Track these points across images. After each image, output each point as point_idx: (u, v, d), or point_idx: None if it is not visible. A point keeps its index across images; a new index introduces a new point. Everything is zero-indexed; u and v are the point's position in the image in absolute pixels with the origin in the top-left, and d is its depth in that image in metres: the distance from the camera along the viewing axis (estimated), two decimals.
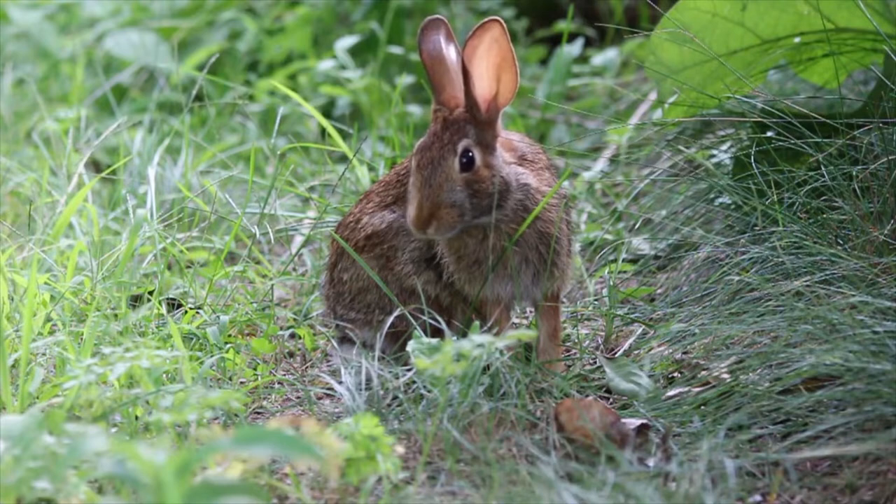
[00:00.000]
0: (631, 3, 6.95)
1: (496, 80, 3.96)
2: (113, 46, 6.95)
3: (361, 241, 4.18)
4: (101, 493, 3.39)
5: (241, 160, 5.64)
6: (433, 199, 3.91)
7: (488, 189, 3.94)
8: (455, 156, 3.93)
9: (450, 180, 3.92)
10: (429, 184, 3.91)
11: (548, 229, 4.03)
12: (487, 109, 3.97)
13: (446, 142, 3.94)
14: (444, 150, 3.94)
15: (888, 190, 4.25)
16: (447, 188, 3.92)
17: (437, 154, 3.93)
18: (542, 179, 4.06)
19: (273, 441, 2.91)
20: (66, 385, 3.61)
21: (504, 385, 3.80)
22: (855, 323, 3.71)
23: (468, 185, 3.93)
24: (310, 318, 4.62)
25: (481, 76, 3.95)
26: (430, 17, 4.07)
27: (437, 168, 3.92)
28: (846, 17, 4.63)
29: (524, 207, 4.00)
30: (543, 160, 4.14)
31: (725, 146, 4.81)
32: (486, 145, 3.97)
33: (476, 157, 3.94)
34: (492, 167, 3.96)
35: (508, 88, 3.97)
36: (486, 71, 3.95)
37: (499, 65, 3.95)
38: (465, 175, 3.93)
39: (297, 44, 6.77)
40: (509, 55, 3.94)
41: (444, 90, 3.99)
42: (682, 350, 4.13)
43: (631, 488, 3.38)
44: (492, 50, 3.93)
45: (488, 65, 3.94)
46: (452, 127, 3.96)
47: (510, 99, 3.98)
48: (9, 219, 5.18)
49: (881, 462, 3.49)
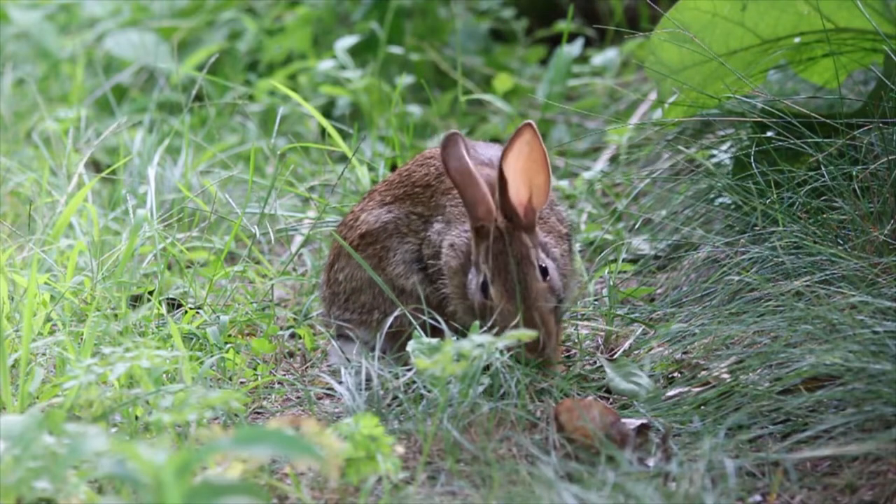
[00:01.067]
0: (631, 3, 6.94)
1: (528, 185, 3.93)
2: (113, 46, 6.95)
3: (356, 240, 4.17)
4: (101, 493, 3.39)
5: (241, 160, 5.64)
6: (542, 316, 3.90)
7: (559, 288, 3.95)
8: (534, 268, 3.91)
9: (539, 291, 3.91)
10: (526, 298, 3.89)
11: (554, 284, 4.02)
12: (526, 214, 3.94)
13: (519, 257, 3.90)
14: (523, 265, 3.90)
15: (888, 190, 4.25)
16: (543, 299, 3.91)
17: (519, 272, 3.90)
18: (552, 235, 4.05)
19: (273, 441, 2.91)
20: (66, 385, 3.61)
21: (504, 385, 3.80)
22: (855, 323, 3.71)
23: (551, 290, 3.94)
24: (310, 318, 4.62)
25: (514, 183, 3.91)
26: (447, 134, 3.98)
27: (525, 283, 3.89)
28: (846, 17, 4.63)
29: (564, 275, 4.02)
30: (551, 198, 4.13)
31: (725, 146, 4.81)
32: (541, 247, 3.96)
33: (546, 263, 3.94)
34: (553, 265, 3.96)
35: (542, 191, 3.94)
36: (518, 176, 3.92)
37: (530, 168, 3.91)
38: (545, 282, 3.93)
39: (297, 44, 6.76)
40: (542, 158, 3.91)
41: (479, 206, 3.93)
42: (682, 350, 4.13)
43: (631, 488, 3.38)
44: (523, 153, 3.89)
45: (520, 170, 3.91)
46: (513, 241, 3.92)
47: (545, 201, 3.96)
48: (9, 219, 5.18)
49: (881, 462, 3.49)
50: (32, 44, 7.27)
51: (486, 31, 6.90)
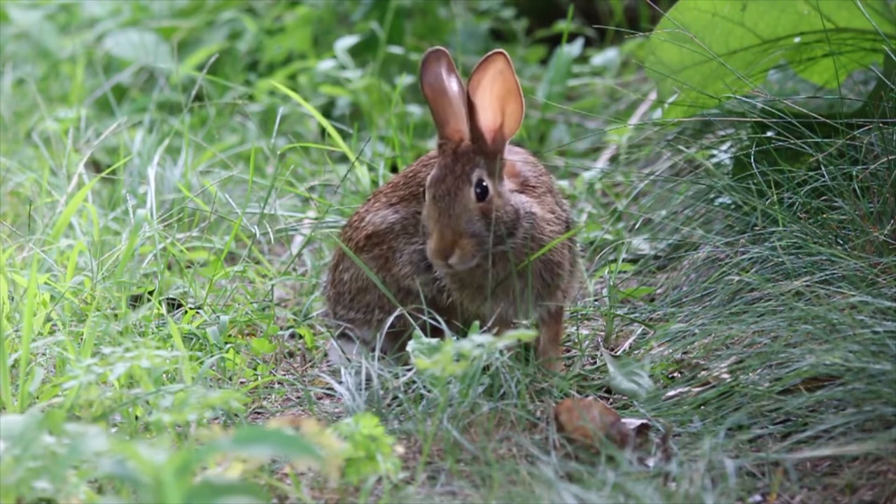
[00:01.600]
0: (631, 3, 6.94)
1: (501, 112, 3.96)
2: (113, 46, 6.95)
3: (362, 241, 4.18)
4: (101, 493, 3.39)
5: (241, 160, 5.64)
6: (454, 229, 3.92)
7: (503, 218, 3.96)
8: (470, 186, 3.94)
9: (467, 210, 3.93)
10: (448, 214, 3.92)
11: (551, 256, 4.03)
12: (493, 140, 3.97)
13: (459, 173, 3.94)
14: (458, 181, 3.94)
15: (888, 190, 4.25)
16: (466, 218, 3.93)
17: (453, 185, 3.94)
18: (544, 206, 4.07)
19: (273, 441, 2.91)
20: (66, 385, 3.61)
21: (504, 385, 3.80)
22: (855, 323, 3.71)
23: (484, 214, 3.94)
24: (310, 318, 4.62)
25: (485, 108, 3.94)
26: (431, 49, 4.05)
27: (455, 199, 3.93)
28: (846, 17, 4.63)
29: (531, 237, 4.01)
30: (545, 183, 4.14)
31: (725, 146, 4.81)
32: (495, 175, 3.98)
33: (489, 187, 3.95)
34: (501, 196, 3.97)
35: (514, 119, 3.97)
36: (490, 102, 3.95)
37: (503, 96, 3.95)
38: (480, 205, 3.94)
39: (297, 44, 6.76)
40: (514, 87, 3.94)
41: (448, 123, 3.99)
42: (682, 350, 4.13)
43: (631, 488, 3.38)
44: (496, 82, 3.93)
45: (492, 97, 3.94)
46: (463, 158, 3.96)
47: (516, 129, 3.99)
48: (9, 219, 5.18)
49: (881, 462, 3.49)
50: (32, 44, 7.27)
51: (486, 31, 6.90)
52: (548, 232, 4.04)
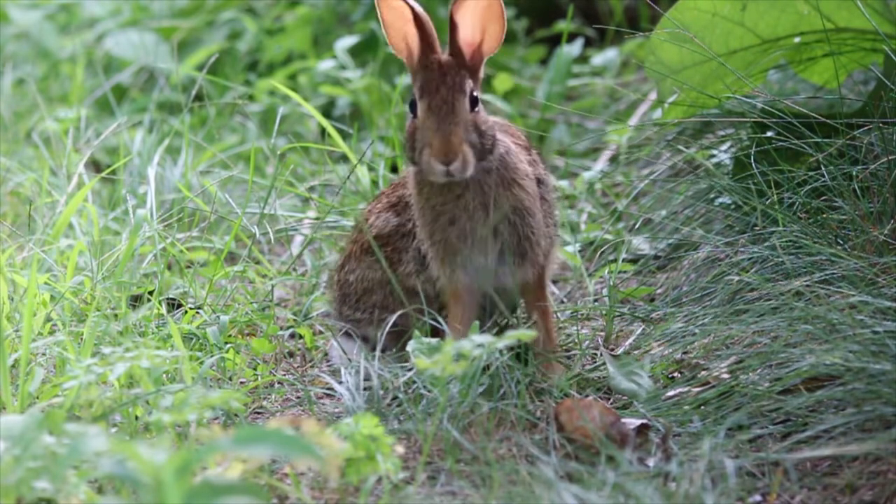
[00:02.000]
0: (631, 3, 6.94)
1: (482, 30, 3.98)
2: (113, 46, 6.95)
3: (367, 243, 4.19)
4: (101, 493, 3.39)
5: (241, 160, 5.64)
6: (457, 136, 3.91)
7: (486, 132, 3.96)
8: (465, 96, 3.95)
9: (465, 120, 3.93)
10: (448, 122, 3.91)
11: (523, 202, 4.02)
12: (472, 57, 4.00)
13: (451, 84, 3.95)
14: (453, 91, 3.94)
15: (888, 190, 4.25)
16: (464, 126, 3.93)
17: (448, 95, 3.94)
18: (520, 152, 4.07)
19: (273, 441, 2.91)
20: (66, 385, 3.61)
21: (504, 385, 3.80)
22: (855, 323, 3.71)
23: (476, 125, 3.95)
24: (310, 318, 4.62)
25: (466, 25, 3.97)
26: None
27: (453, 108, 3.92)
28: (846, 17, 4.63)
29: (505, 166, 4.00)
30: (524, 141, 4.16)
31: (725, 146, 4.81)
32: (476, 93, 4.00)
33: (478, 97, 3.98)
34: (483, 114, 3.99)
35: (494, 38, 4.01)
36: (471, 19, 3.97)
37: (484, 14, 3.98)
38: (473, 115, 3.95)
39: (297, 44, 6.76)
40: (497, 6, 3.97)
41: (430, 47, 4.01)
42: (682, 350, 4.13)
43: (631, 488, 3.38)
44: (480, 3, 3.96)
45: (474, 13, 3.97)
46: (451, 71, 3.97)
47: (495, 48, 4.02)
48: (9, 219, 5.18)
49: (881, 462, 3.49)
50: (32, 44, 7.27)
51: None
52: (520, 170, 4.03)
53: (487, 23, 3.98)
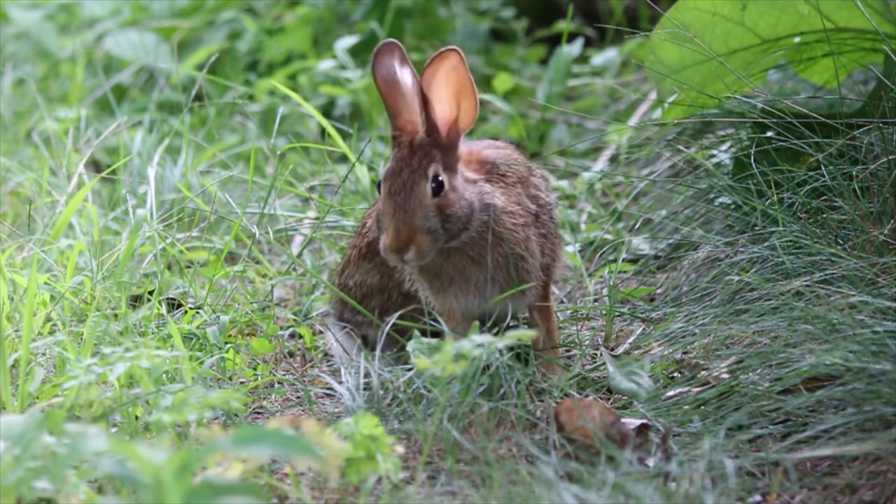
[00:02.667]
0: (631, 3, 6.94)
1: (456, 106, 3.94)
2: (113, 46, 6.95)
3: (364, 248, 4.20)
4: (101, 493, 3.39)
5: (241, 160, 5.64)
6: (410, 225, 3.88)
7: (457, 213, 3.92)
8: (426, 181, 3.91)
9: (423, 206, 3.89)
10: (403, 210, 3.88)
11: (513, 250, 4.01)
12: (448, 133, 3.95)
13: (416, 167, 3.91)
14: (414, 176, 3.90)
15: (888, 190, 4.25)
16: (421, 214, 3.88)
17: (409, 179, 3.90)
18: (510, 197, 4.04)
19: (273, 441, 2.91)
20: (66, 385, 3.61)
21: (504, 385, 3.80)
22: (855, 323, 3.71)
23: (440, 210, 3.91)
24: (310, 318, 4.62)
25: (441, 100, 3.92)
26: (383, 42, 4.01)
27: (411, 193, 3.89)
28: (846, 17, 4.63)
29: (488, 229, 3.98)
30: (518, 173, 4.11)
31: (725, 146, 4.81)
32: (450, 169, 3.95)
33: (445, 182, 3.93)
34: (457, 191, 3.94)
35: (469, 114, 3.95)
36: (445, 96, 3.93)
37: (458, 91, 3.93)
38: (436, 200, 3.91)
39: (297, 44, 6.76)
40: (468, 82, 3.92)
41: (401, 115, 3.96)
42: (682, 350, 4.13)
43: (631, 488, 3.38)
44: (450, 78, 3.91)
45: (448, 91, 3.92)
46: (420, 151, 3.92)
47: (471, 124, 3.96)
48: (9, 219, 5.17)
49: (881, 462, 3.49)
50: (32, 44, 7.27)
51: (486, 31, 6.90)
52: (509, 224, 4.01)
53: (461, 98, 3.93)
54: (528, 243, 4.04)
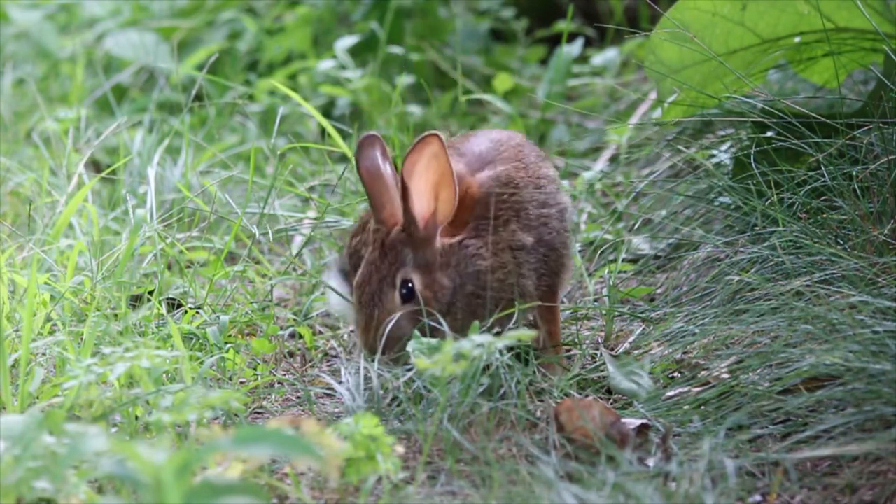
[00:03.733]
0: (631, 3, 6.94)
1: (434, 198, 3.91)
2: (113, 46, 6.95)
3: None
4: (101, 493, 3.39)
5: (241, 160, 5.64)
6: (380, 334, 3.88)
7: (432, 307, 3.92)
8: (394, 290, 3.90)
9: (392, 315, 3.89)
10: (373, 319, 3.89)
11: (502, 297, 3.99)
12: (426, 227, 3.92)
13: (384, 274, 3.90)
14: (382, 284, 3.90)
15: (888, 190, 4.25)
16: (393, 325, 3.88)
17: (377, 289, 3.90)
18: (499, 244, 3.99)
19: (273, 441, 2.91)
20: (66, 385, 3.61)
21: (504, 385, 3.80)
22: (855, 323, 3.71)
23: (411, 314, 3.90)
24: (310, 318, 4.62)
25: (420, 193, 3.89)
26: (366, 134, 3.99)
27: (379, 304, 3.89)
28: (846, 17, 4.63)
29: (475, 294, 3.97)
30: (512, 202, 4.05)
31: (725, 146, 4.81)
32: (427, 265, 3.92)
33: (416, 285, 3.91)
34: (434, 284, 3.92)
35: (447, 205, 3.91)
36: (424, 188, 3.89)
37: (437, 182, 3.89)
38: (406, 305, 3.91)
39: (297, 44, 6.76)
40: (448, 171, 3.88)
41: (384, 208, 3.94)
42: (682, 350, 4.13)
43: (631, 488, 3.38)
44: (430, 166, 3.87)
45: (427, 182, 3.89)
46: (390, 255, 3.91)
47: (448, 216, 3.92)
48: (9, 219, 5.17)
49: (881, 462, 3.49)
50: (32, 44, 7.27)
51: (486, 31, 6.90)
52: (495, 283, 3.97)
53: (439, 189, 3.90)
54: (521, 280, 4.02)
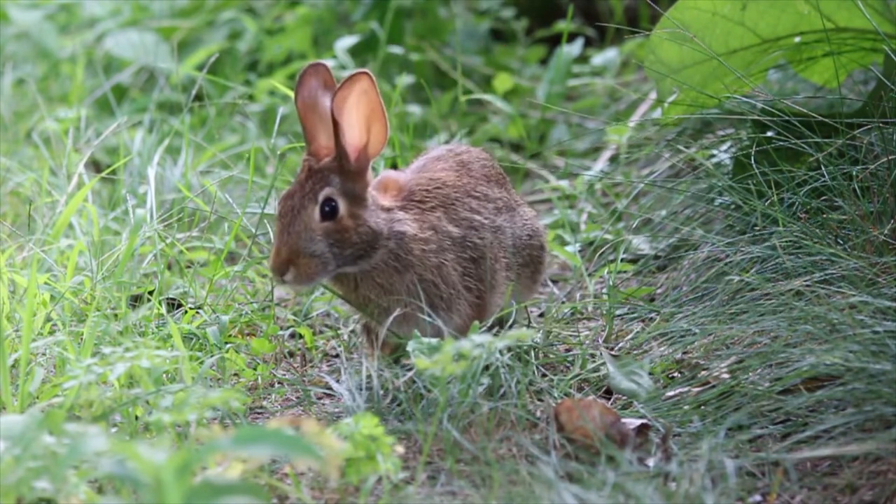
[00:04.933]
0: (631, 2, 6.94)
1: (367, 131, 3.93)
2: (113, 46, 6.95)
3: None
4: (101, 493, 3.39)
5: (241, 160, 5.64)
6: (291, 247, 3.88)
7: (352, 239, 3.92)
8: (316, 205, 3.91)
9: (309, 229, 3.89)
10: (287, 231, 3.89)
11: (423, 275, 3.99)
12: (357, 159, 3.94)
13: (308, 190, 3.91)
14: (304, 199, 3.91)
15: (888, 190, 4.25)
16: (306, 237, 3.89)
17: (298, 202, 3.91)
18: (424, 223, 4.02)
19: (273, 441, 2.91)
20: (66, 385, 3.61)
21: (504, 385, 3.80)
22: (855, 323, 3.71)
23: (328, 234, 3.90)
24: (310, 318, 4.62)
25: (351, 126, 3.91)
26: (310, 63, 4.00)
27: (297, 216, 3.90)
28: (846, 17, 4.63)
29: (396, 257, 3.98)
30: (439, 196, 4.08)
31: (725, 146, 4.81)
32: (355, 196, 3.94)
33: (340, 207, 3.92)
34: (358, 217, 3.93)
35: (379, 140, 3.94)
36: (356, 121, 3.92)
37: (368, 116, 3.92)
38: (325, 224, 3.91)
39: (297, 44, 6.76)
40: (378, 107, 3.91)
41: (316, 140, 3.96)
42: (682, 350, 4.13)
43: (631, 488, 3.38)
44: (361, 102, 3.90)
45: (358, 115, 3.91)
46: (316, 176, 3.92)
47: (380, 150, 3.96)
48: (9, 219, 5.17)
49: (881, 462, 3.49)
50: (32, 44, 7.27)
51: (486, 31, 6.90)
52: (417, 251, 3.99)
53: (371, 123, 3.93)
54: (442, 269, 4.02)
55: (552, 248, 4.99)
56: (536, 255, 4.25)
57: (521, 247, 4.20)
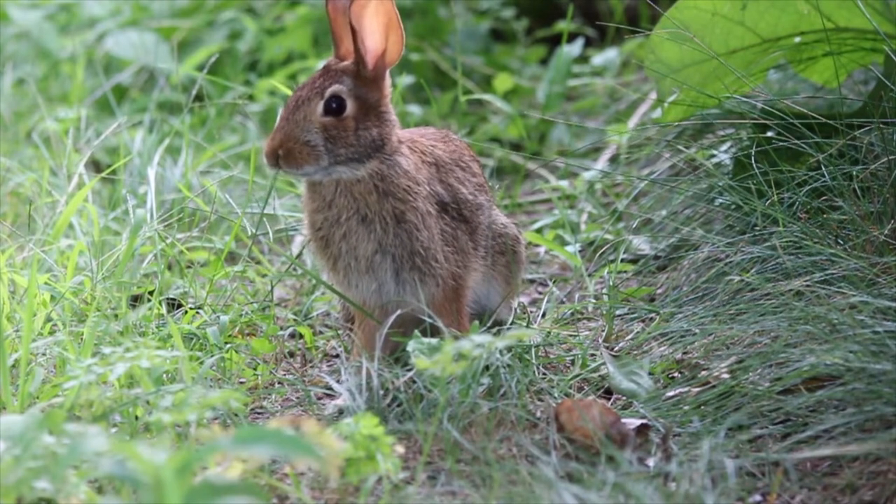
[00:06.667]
0: (631, 2, 6.95)
1: (385, 39, 4.00)
2: (113, 46, 6.95)
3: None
4: (101, 493, 3.39)
5: (241, 160, 5.64)
6: (287, 133, 3.95)
7: (349, 140, 3.97)
8: (321, 99, 3.97)
9: (308, 120, 3.96)
10: (287, 119, 3.97)
11: (403, 215, 4.00)
12: (375, 66, 4.00)
13: (318, 86, 4.00)
14: (312, 92, 3.99)
15: (888, 190, 4.25)
16: (304, 126, 3.96)
17: (306, 95, 3.99)
18: (418, 169, 4.05)
19: (273, 441, 2.91)
20: (66, 385, 3.61)
21: (504, 385, 3.80)
22: (855, 323, 3.71)
23: (326, 129, 3.96)
24: (310, 318, 4.62)
25: (372, 32, 3.99)
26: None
27: (300, 107, 3.98)
28: (846, 17, 4.63)
29: (382, 177, 3.99)
30: (439, 159, 4.12)
31: (725, 146, 4.81)
32: (366, 102, 4.00)
33: (347, 107, 3.98)
34: (363, 122, 3.99)
35: (395, 49, 4.02)
36: (375, 28, 3.99)
37: (386, 24, 3.99)
38: (327, 119, 3.97)
39: (297, 44, 6.77)
40: (394, 16, 4.00)
41: (342, 44, 4.05)
42: (682, 350, 4.13)
43: (631, 488, 3.38)
44: (379, 10, 3.98)
45: (378, 23, 3.99)
46: (329, 73, 4.01)
47: (396, 59, 4.03)
48: (9, 219, 5.17)
49: (881, 462, 3.49)
50: (32, 44, 7.27)
51: (486, 31, 6.90)
52: (403, 185, 4.01)
53: (389, 31, 4.00)
54: (426, 219, 4.03)
55: (552, 248, 4.99)
56: (511, 246, 4.25)
57: (497, 233, 4.21)
